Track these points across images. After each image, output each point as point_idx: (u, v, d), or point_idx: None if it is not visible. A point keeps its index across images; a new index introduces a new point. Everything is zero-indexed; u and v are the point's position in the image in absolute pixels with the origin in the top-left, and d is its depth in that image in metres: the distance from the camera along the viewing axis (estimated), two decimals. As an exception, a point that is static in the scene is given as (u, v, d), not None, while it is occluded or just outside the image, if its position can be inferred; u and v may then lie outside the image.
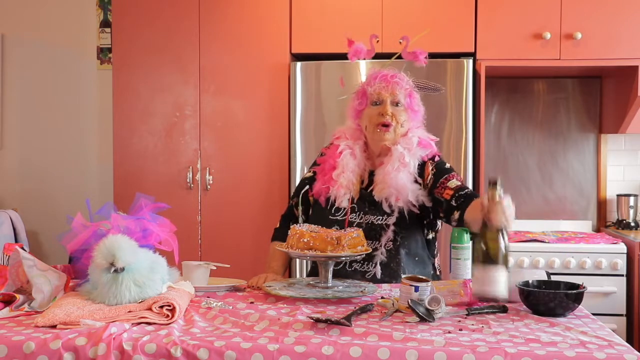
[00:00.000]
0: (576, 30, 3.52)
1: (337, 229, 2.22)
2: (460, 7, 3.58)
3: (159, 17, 3.72)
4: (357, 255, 2.10)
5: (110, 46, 4.22)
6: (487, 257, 1.81)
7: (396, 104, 2.31)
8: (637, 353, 1.53)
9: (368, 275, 2.27)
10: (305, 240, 2.06)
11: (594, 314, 1.91)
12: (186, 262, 2.18)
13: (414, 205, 2.26)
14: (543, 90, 4.04)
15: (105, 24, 4.31)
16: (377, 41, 2.45)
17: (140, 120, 3.76)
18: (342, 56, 3.44)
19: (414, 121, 2.35)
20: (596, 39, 3.53)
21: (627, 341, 2.88)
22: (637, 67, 3.48)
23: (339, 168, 2.31)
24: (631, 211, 3.85)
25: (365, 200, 2.30)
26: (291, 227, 2.14)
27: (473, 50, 3.58)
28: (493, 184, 1.81)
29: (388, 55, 3.59)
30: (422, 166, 2.31)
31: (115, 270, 1.82)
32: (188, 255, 2.41)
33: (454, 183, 2.24)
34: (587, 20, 3.53)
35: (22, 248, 2.05)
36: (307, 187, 2.41)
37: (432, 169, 2.31)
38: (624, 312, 3.42)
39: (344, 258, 2.11)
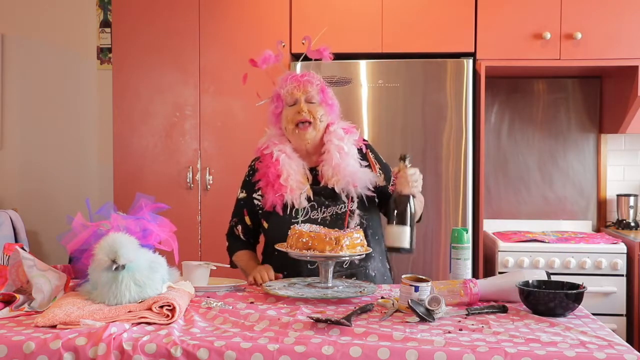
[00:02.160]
0: (576, 30, 3.51)
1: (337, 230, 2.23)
2: (460, 7, 3.58)
3: (159, 17, 3.72)
4: (356, 256, 2.10)
5: (110, 46, 4.22)
6: (394, 217, 2.12)
7: (311, 101, 2.36)
8: (637, 353, 1.53)
9: (346, 264, 2.28)
10: (304, 240, 2.07)
11: (594, 314, 1.91)
12: (186, 262, 2.19)
13: (370, 190, 2.33)
14: (543, 90, 4.04)
15: (105, 24, 4.31)
16: (284, 46, 2.52)
17: (140, 120, 3.76)
18: (342, 56, 3.45)
19: (332, 115, 2.41)
20: (596, 39, 3.53)
21: (627, 341, 2.87)
22: (637, 67, 3.48)
23: (284, 173, 2.32)
24: (631, 211, 3.85)
25: (321, 194, 2.33)
26: (291, 227, 2.15)
27: (473, 50, 3.58)
28: (402, 159, 2.15)
29: (388, 55, 3.61)
30: (360, 152, 2.40)
31: (117, 268, 1.82)
32: (188, 255, 2.41)
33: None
34: (587, 20, 3.52)
35: (22, 248, 2.05)
36: (245, 209, 2.46)
37: (372, 156, 2.42)
38: (624, 312, 3.42)
39: (343, 258, 2.11)
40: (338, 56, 2.63)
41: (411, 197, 2.13)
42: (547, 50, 3.55)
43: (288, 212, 2.32)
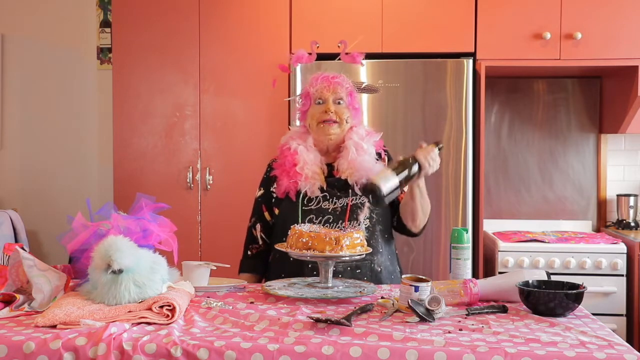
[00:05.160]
0: (576, 30, 3.52)
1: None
2: (460, 7, 3.58)
3: (159, 17, 3.72)
4: (356, 256, 2.10)
5: (110, 46, 4.22)
6: (394, 164, 2.15)
7: (338, 102, 2.40)
8: (637, 353, 1.53)
9: (352, 256, 2.29)
10: (304, 240, 2.07)
11: (594, 314, 1.91)
12: (186, 262, 2.18)
13: None
14: (543, 90, 4.04)
15: (105, 24, 4.31)
16: (318, 46, 2.58)
17: (140, 120, 3.76)
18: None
19: (356, 119, 2.46)
20: (596, 39, 3.53)
21: (627, 341, 2.87)
22: (637, 67, 3.48)
23: (300, 162, 2.37)
24: (631, 211, 3.85)
25: (335, 186, 2.36)
26: (291, 227, 2.15)
27: (473, 50, 3.58)
28: (435, 143, 2.22)
29: (388, 55, 3.61)
30: (378, 155, 2.43)
31: (114, 272, 1.82)
32: (188, 255, 2.41)
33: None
34: (587, 20, 3.53)
35: (22, 248, 2.05)
36: (263, 204, 2.48)
37: (387, 160, 2.44)
38: (624, 312, 3.43)
39: (343, 258, 2.11)
40: (338, 56, 2.63)
41: (418, 166, 2.14)
42: (547, 50, 3.55)
43: (300, 199, 2.35)
